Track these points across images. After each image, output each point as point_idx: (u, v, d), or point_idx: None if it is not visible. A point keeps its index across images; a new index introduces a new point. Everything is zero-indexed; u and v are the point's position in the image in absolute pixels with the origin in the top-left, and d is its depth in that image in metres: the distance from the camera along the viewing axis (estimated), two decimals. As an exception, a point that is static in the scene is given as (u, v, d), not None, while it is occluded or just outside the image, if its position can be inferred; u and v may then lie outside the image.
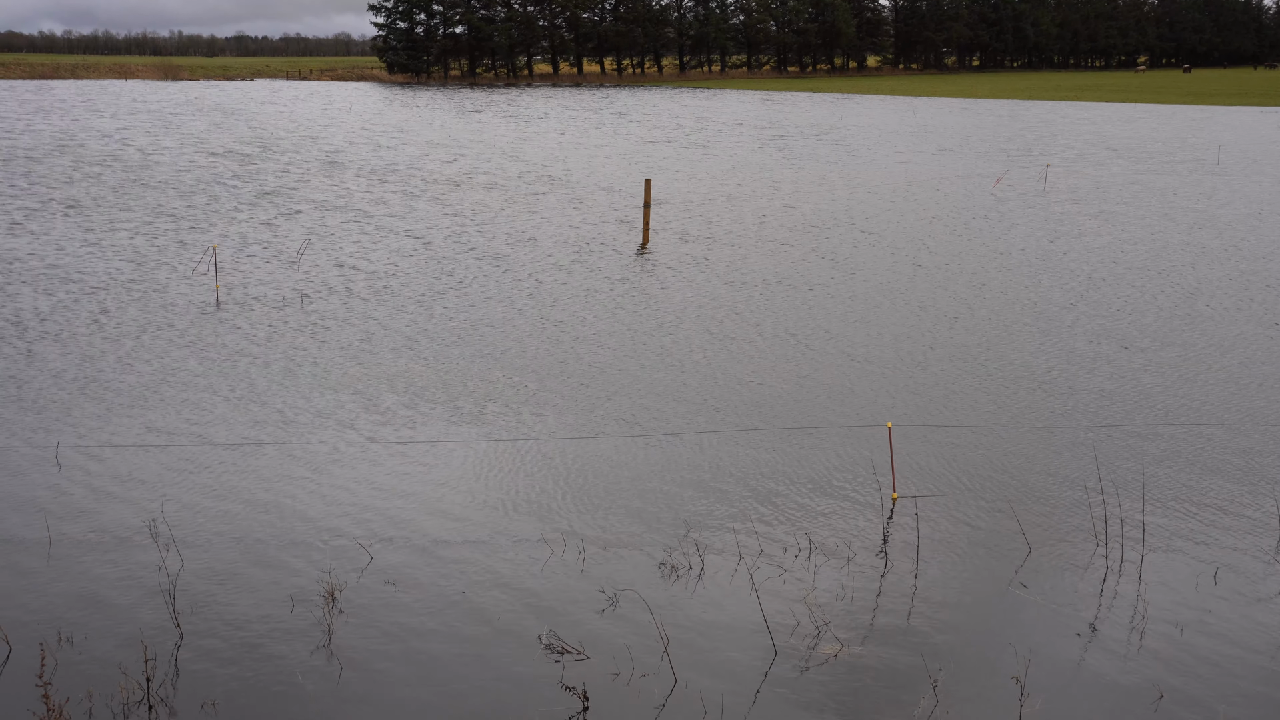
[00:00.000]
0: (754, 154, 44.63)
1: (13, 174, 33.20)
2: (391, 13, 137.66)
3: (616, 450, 11.28)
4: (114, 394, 12.84)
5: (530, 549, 9.05)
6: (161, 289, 18.32)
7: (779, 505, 9.96)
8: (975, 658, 7.54)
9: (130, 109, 65.57)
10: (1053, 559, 8.96)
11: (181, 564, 8.66)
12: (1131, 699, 7.07)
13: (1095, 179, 36.30)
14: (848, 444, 11.49)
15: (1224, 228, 26.20)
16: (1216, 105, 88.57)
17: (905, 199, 30.98)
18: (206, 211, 26.94)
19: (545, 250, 22.48)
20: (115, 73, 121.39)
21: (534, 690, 7.09)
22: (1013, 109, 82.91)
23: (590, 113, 72.72)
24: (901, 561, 8.89)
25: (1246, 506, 10.00)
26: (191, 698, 6.96)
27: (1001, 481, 10.54)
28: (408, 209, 28.05)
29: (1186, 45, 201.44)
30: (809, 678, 7.26)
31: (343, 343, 15.21)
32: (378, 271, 20.08)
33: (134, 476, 10.42)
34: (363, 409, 12.46)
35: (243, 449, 11.18)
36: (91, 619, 7.87)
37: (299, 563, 8.75)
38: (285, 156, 40.47)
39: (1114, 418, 12.38)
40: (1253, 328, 16.51)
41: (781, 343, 15.43)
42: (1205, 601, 8.30)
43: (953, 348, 15.23)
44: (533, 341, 15.38)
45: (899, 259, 21.84)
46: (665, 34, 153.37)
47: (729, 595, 8.31)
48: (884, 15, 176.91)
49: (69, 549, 8.92)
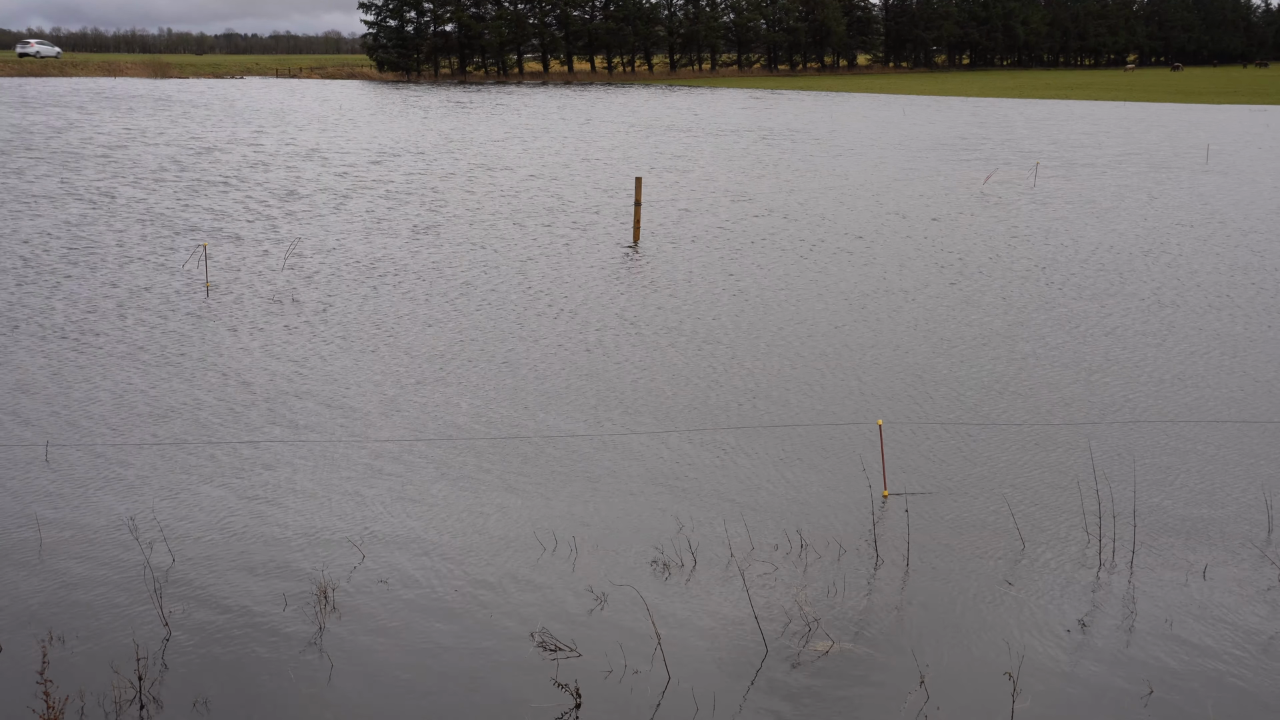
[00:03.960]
0: (735, 155, 44.65)
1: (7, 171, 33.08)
2: (382, 10, 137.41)
3: (607, 448, 11.29)
4: (103, 392, 12.82)
5: (522, 547, 9.06)
6: (149, 285, 18.27)
7: (770, 503, 9.98)
8: (966, 655, 7.56)
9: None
10: (1044, 556, 8.99)
11: (172, 562, 8.65)
12: (1122, 695, 7.11)
13: (1085, 177, 36.40)
14: (838, 442, 11.52)
15: (1215, 225, 26.29)
16: (1206, 103, 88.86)
17: (893, 196, 31.02)
18: (198, 209, 26.89)
19: (536, 249, 22.47)
20: (104, 70, 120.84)
21: (526, 688, 7.10)
22: (1002, 107, 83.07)
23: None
24: (892, 559, 8.91)
25: (1236, 503, 10.04)
26: (184, 696, 6.95)
27: (993, 479, 10.57)
28: (402, 208, 28.03)
29: (1176, 44, 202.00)
30: (800, 675, 7.28)
31: (333, 341, 15.19)
32: (367, 271, 20.05)
33: (124, 475, 10.40)
34: (352, 407, 12.44)
35: (233, 447, 11.16)
36: (82, 618, 7.86)
37: (291, 561, 8.74)
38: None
39: (1105, 414, 12.43)
40: (1245, 325, 16.58)
41: (771, 340, 15.45)
42: (1196, 598, 8.34)
43: (943, 344, 15.27)
44: (522, 340, 15.38)
45: (889, 256, 21.88)
46: (655, 32, 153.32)
47: (720, 593, 8.33)
48: (874, 14, 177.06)
49: (58, 548, 8.90)
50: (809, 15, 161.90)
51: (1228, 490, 10.34)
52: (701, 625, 7.88)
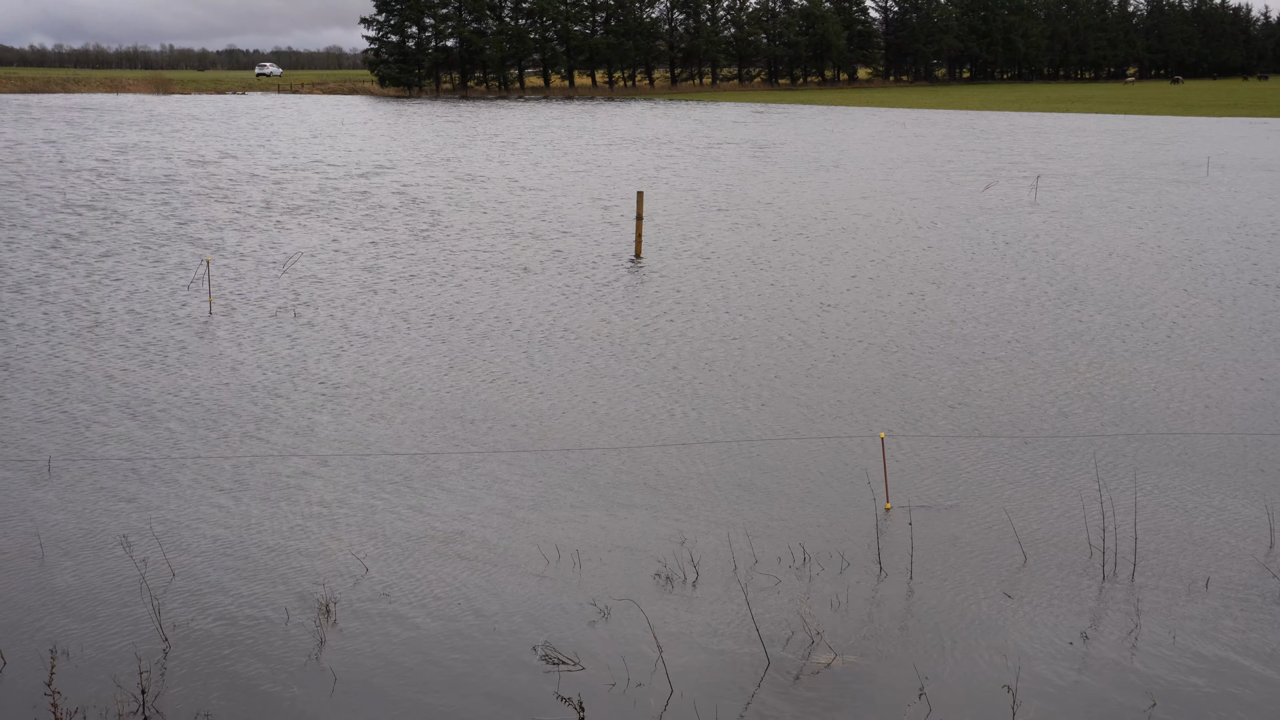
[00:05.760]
0: (737, 166, 44.74)
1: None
2: (383, 26, 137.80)
3: (609, 461, 11.30)
4: (105, 403, 12.84)
5: (525, 560, 9.06)
6: (153, 300, 18.30)
7: (772, 516, 9.99)
8: (968, 667, 7.56)
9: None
10: (1046, 568, 8.99)
11: (173, 575, 8.66)
12: (1125, 709, 7.10)
13: (1085, 189, 36.45)
14: (841, 454, 11.53)
15: (1216, 237, 26.31)
16: (1206, 116, 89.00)
17: (894, 208, 31.06)
18: (208, 224, 26.96)
19: (538, 263, 22.51)
20: (106, 86, 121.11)
21: (530, 701, 7.10)
22: (1004, 121, 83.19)
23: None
24: (895, 571, 8.91)
25: (1238, 515, 10.04)
26: (186, 709, 6.96)
27: (995, 491, 10.58)
28: (406, 222, 28.10)
29: (1175, 57, 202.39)
30: (802, 687, 7.28)
31: (336, 354, 15.21)
32: (368, 285, 20.09)
33: (125, 488, 10.41)
34: (355, 420, 12.46)
35: (235, 460, 11.18)
36: (84, 631, 7.87)
37: (293, 574, 8.75)
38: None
39: (1106, 427, 12.43)
40: (1246, 337, 16.59)
41: (773, 353, 15.47)
42: (1198, 610, 8.33)
43: (946, 357, 15.28)
44: (524, 352, 15.40)
45: (890, 268, 21.91)
46: (656, 47, 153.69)
47: (723, 605, 8.33)
48: (874, 28, 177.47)
49: (60, 561, 8.91)
50: (809, 29, 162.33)
51: (1229, 502, 10.34)
52: (704, 638, 7.88)
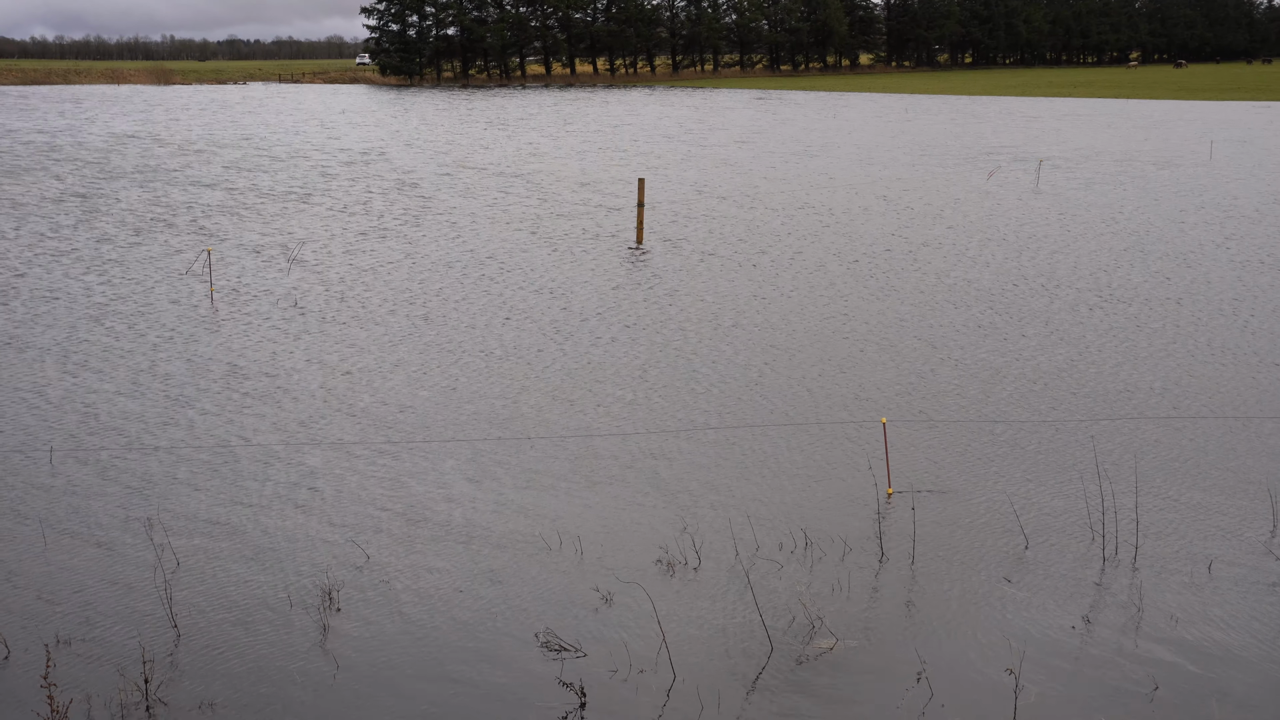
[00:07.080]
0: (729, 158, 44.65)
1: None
2: (384, 15, 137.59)
3: (611, 447, 11.30)
4: (107, 395, 12.85)
5: (527, 547, 9.07)
6: (153, 289, 18.31)
7: (774, 502, 9.99)
8: (970, 651, 7.56)
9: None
10: (1048, 552, 8.99)
11: (177, 565, 8.67)
12: (1126, 693, 7.10)
13: (1089, 174, 36.36)
14: (842, 440, 11.52)
15: (1220, 222, 26.25)
16: (1210, 100, 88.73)
17: (897, 195, 31.01)
18: (201, 211, 26.94)
19: (540, 250, 22.49)
20: (107, 78, 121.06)
21: (532, 688, 7.12)
22: (1005, 105, 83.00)
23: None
24: (897, 556, 8.92)
25: (1240, 498, 10.03)
26: (190, 698, 6.97)
27: (997, 476, 10.57)
28: (404, 214, 28.08)
29: (1178, 41, 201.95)
30: (805, 672, 7.29)
31: (338, 344, 15.22)
32: (369, 274, 20.09)
33: (128, 479, 10.42)
34: (356, 409, 12.47)
35: (238, 450, 11.19)
36: (88, 621, 7.88)
37: (295, 563, 8.76)
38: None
39: (1109, 411, 12.42)
40: (1248, 321, 16.56)
41: (775, 338, 15.46)
42: (1199, 594, 8.33)
43: (947, 342, 15.27)
44: (526, 339, 15.40)
45: (893, 254, 21.88)
46: (658, 34, 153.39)
47: (725, 591, 8.34)
48: (876, 13, 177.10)
49: (64, 552, 8.93)
50: (811, 15, 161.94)
51: (1232, 487, 10.33)
52: (706, 624, 7.89)
